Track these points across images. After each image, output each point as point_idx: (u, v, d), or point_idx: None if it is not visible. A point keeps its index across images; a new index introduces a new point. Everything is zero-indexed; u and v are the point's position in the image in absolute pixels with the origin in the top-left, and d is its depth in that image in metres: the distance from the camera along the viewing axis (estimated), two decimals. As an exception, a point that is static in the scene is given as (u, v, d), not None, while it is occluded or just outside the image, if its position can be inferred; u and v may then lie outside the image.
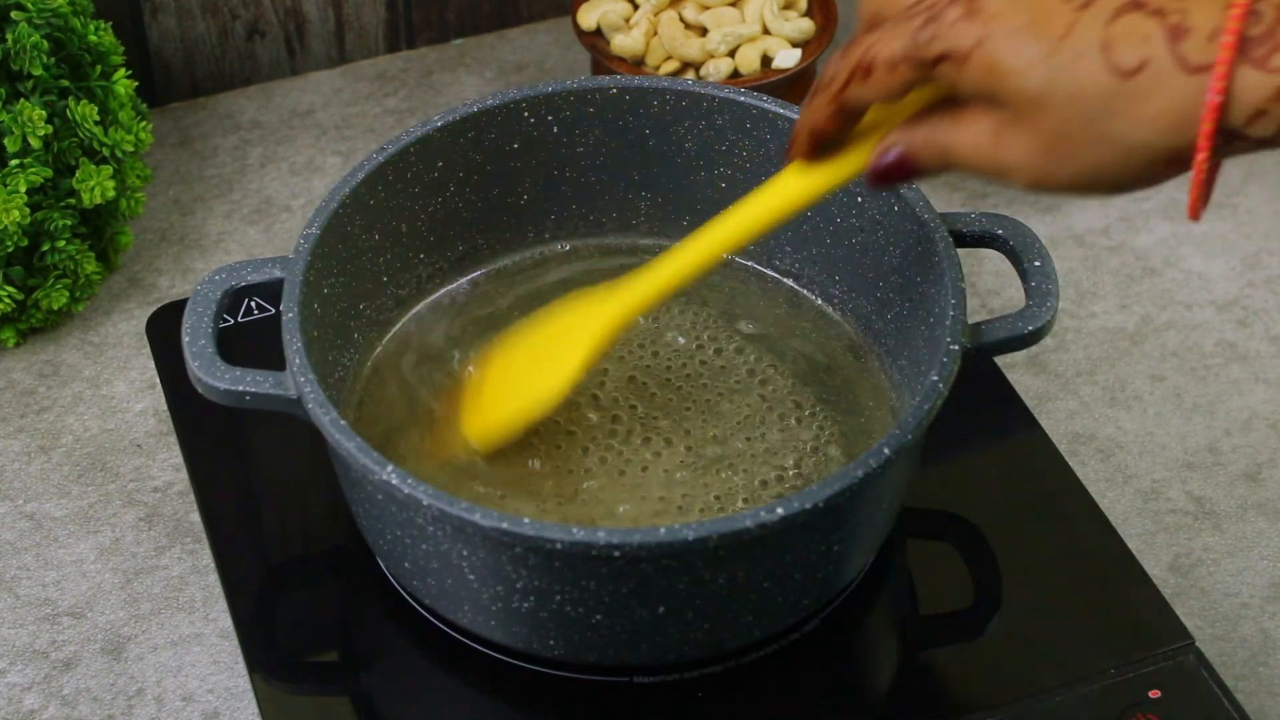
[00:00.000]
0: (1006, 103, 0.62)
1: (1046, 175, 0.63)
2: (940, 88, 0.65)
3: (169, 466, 0.90)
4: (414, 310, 0.88)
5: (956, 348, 0.74)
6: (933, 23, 0.63)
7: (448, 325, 0.87)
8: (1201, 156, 0.59)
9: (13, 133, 0.89)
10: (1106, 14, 0.60)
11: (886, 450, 0.70)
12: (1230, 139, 0.59)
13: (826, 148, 0.71)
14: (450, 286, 0.89)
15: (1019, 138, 0.62)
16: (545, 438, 0.82)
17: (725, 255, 0.77)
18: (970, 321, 0.78)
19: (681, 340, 0.87)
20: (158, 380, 0.91)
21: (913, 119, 0.67)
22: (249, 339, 0.90)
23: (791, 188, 0.73)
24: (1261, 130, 0.59)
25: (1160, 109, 0.59)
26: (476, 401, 0.81)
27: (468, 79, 1.12)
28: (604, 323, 0.78)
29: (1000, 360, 0.93)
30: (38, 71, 0.90)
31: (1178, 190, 1.05)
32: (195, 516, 0.87)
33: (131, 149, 0.94)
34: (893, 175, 0.68)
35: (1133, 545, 0.85)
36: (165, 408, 0.90)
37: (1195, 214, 0.62)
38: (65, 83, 0.92)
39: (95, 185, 0.92)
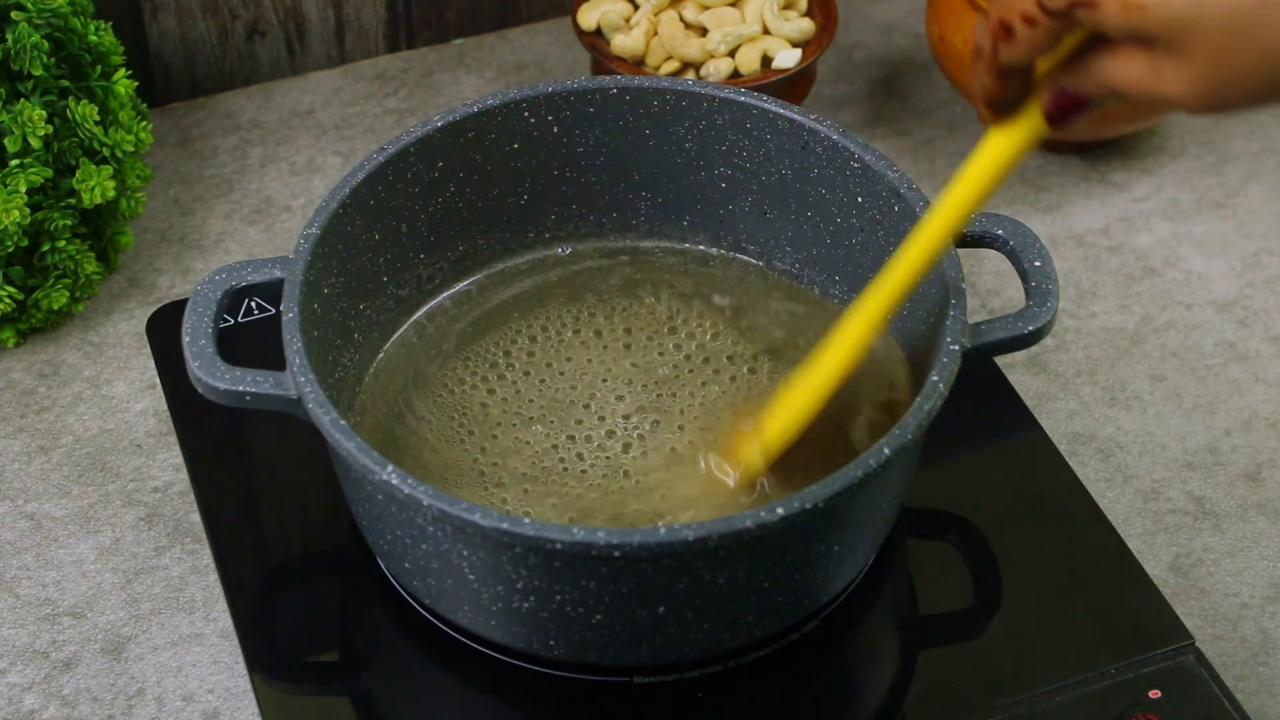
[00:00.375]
0: (1154, 36, 0.59)
1: (1219, 100, 0.59)
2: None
3: (169, 466, 0.90)
4: (414, 310, 0.88)
5: (956, 348, 0.74)
6: None
7: (448, 325, 0.87)
8: None
9: (13, 133, 0.89)
10: None
11: (886, 450, 0.70)
12: None
13: (1008, 106, 0.68)
14: (451, 286, 0.89)
15: (1178, 68, 0.59)
16: (582, 443, 0.82)
17: (958, 229, 0.73)
18: (970, 321, 0.78)
19: (682, 340, 0.87)
20: (158, 380, 0.91)
21: (1075, 56, 0.64)
22: (249, 339, 0.90)
23: (999, 149, 0.70)
24: None
25: None
26: (768, 423, 0.79)
27: (468, 79, 1.12)
28: (857, 324, 0.76)
29: (1000, 360, 0.92)
30: (38, 71, 0.90)
31: (1178, 190, 1.05)
32: (195, 516, 0.87)
33: (131, 149, 0.94)
34: (1064, 115, 0.66)
35: (1133, 545, 0.85)
36: (165, 408, 0.90)
37: None
38: (65, 83, 0.92)
39: (95, 185, 0.92)
